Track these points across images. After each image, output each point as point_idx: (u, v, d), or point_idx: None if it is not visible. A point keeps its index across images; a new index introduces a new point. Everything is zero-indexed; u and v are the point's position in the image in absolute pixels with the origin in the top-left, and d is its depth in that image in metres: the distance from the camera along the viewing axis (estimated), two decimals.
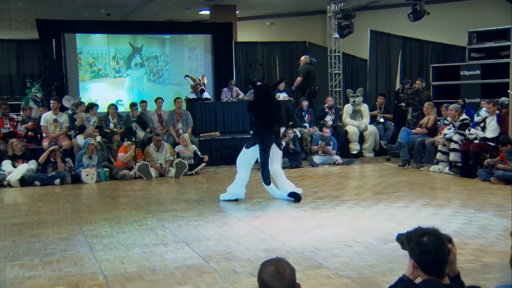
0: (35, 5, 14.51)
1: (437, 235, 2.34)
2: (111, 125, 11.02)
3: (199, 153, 10.42)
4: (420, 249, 2.31)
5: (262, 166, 7.45)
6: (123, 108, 13.04)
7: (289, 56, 15.64)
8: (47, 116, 10.38)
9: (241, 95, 13.09)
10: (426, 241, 2.31)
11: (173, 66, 14.74)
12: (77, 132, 10.55)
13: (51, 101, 10.54)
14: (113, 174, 9.80)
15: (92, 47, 14.15)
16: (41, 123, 10.34)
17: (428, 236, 2.33)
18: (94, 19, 15.75)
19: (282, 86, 13.38)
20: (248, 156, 7.59)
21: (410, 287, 2.29)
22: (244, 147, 7.72)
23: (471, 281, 3.97)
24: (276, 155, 7.61)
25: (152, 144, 10.22)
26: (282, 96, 13.12)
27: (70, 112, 11.44)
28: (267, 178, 7.47)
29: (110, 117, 11.13)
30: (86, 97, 13.43)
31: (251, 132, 7.76)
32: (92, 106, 10.98)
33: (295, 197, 7.38)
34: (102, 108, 12.07)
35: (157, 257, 4.92)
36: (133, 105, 11.52)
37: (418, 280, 2.47)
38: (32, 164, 9.50)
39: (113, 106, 11.31)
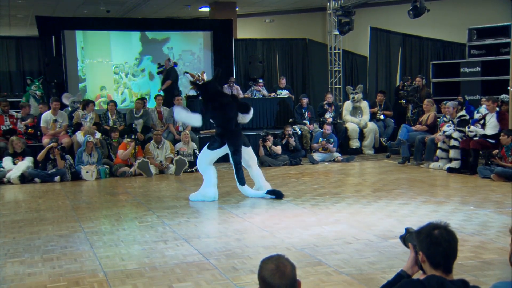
0: (34, 2, 14.50)
1: (448, 229, 2.35)
2: (110, 122, 11.01)
3: (198, 153, 10.40)
4: (430, 241, 2.32)
5: (237, 167, 7.38)
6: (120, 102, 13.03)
7: (289, 53, 15.64)
8: (47, 117, 10.38)
9: (241, 94, 13.07)
10: (437, 234, 2.32)
11: None
12: (73, 129, 10.54)
13: (52, 102, 10.51)
14: (113, 171, 9.80)
15: (92, 43, 14.09)
16: (41, 124, 10.35)
17: (439, 230, 2.34)
18: (94, 16, 15.73)
19: (283, 83, 13.39)
20: (211, 157, 7.52)
21: (414, 283, 2.29)
22: (206, 148, 7.57)
23: (470, 277, 3.98)
24: (250, 155, 7.58)
25: (152, 141, 10.23)
26: (283, 93, 13.14)
27: (70, 109, 11.45)
28: (242, 179, 7.42)
29: (109, 114, 11.12)
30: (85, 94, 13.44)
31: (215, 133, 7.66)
32: (88, 103, 10.98)
33: (276, 195, 7.33)
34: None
35: (157, 254, 4.92)
36: (135, 101, 11.53)
37: (415, 276, 2.47)
38: (29, 161, 9.48)
39: (112, 103, 11.29)
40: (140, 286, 4.12)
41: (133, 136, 10.12)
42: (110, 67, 13.73)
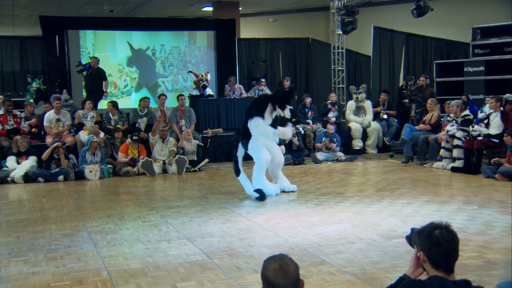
0: (38, 2, 14.54)
1: (449, 230, 2.34)
2: (112, 122, 11.01)
3: (202, 144, 10.48)
4: (430, 241, 2.31)
5: (233, 159, 7.84)
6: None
7: (292, 53, 15.64)
8: (50, 116, 10.40)
9: (244, 93, 13.06)
10: (438, 234, 2.31)
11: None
12: (75, 129, 10.56)
13: (53, 101, 10.53)
14: (116, 171, 9.81)
15: (100, 40, 14.19)
16: (45, 124, 10.38)
17: (440, 230, 2.33)
18: (97, 15, 15.77)
19: (287, 84, 13.36)
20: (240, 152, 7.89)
21: (416, 284, 2.28)
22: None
23: (474, 277, 3.97)
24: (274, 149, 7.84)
25: (157, 136, 10.35)
26: None
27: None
28: (237, 171, 7.68)
29: (110, 114, 11.11)
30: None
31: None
32: (84, 101, 10.99)
33: (260, 195, 7.33)
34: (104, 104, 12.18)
35: (161, 253, 4.93)
36: (141, 99, 11.52)
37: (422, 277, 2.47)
38: (32, 161, 9.51)
39: (110, 103, 11.26)
40: (144, 285, 4.12)
41: (134, 137, 10.07)
42: (115, 61, 14.19)
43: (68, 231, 5.83)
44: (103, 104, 12.32)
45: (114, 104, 11.27)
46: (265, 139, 7.56)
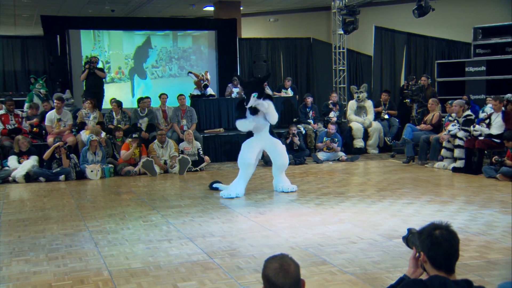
0: (39, 2, 14.55)
1: (449, 230, 2.34)
2: (115, 122, 10.99)
3: (202, 153, 10.41)
4: (430, 241, 2.31)
5: None
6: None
7: (293, 53, 15.64)
8: (51, 116, 10.40)
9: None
10: (438, 234, 2.31)
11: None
12: (77, 128, 10.56)
13: (54, 101, 10.56)
14: (118, 170, 9.81)
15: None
16: (46, 123, 10.39)
17: (440, 230, 2.33)
18: (99, 15, 15.78)
19: (288, 84, 13.36)
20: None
21: (417, 284, 2.28)
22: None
23: (475, 277, 3.97)
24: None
25: (156, 141, 10.24)
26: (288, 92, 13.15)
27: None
28: None
29: (113, 114, 11.11)
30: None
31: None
32: (85, 100, 10.99)
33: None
34: (108, 104, 12.19)
35: (162, 253, 4.93)
36: (140, 100, 11.51)
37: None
38: (34, 160, 9.51)
39: (115, 103, 11.25)
40: (145, 285, 4.12)
41: (134, 136, 10.05)
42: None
43: (69, 231, 5.83)
44: (107, 104, 12.37)
45: (119, 104, 11.26)
46: (261, 141, 7.76)
